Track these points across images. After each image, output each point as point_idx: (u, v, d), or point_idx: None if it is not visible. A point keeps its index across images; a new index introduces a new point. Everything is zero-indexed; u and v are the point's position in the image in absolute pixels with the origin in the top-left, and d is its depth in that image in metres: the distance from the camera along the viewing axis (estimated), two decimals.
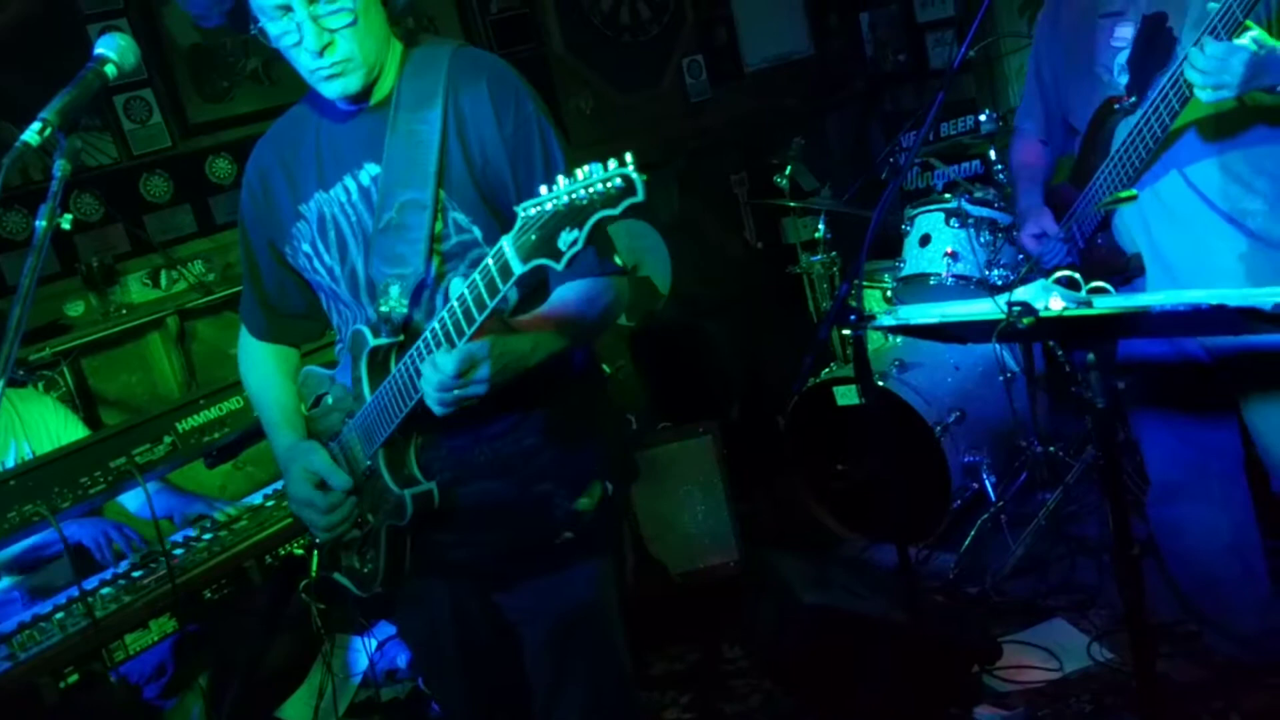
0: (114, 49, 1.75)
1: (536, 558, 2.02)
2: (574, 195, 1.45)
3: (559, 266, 1.48)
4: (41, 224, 1.62)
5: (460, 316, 1.64)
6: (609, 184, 1.44)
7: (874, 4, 6.36)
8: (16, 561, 3.11)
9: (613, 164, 1.45)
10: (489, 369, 1.64)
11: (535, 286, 1.88)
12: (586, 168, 1.46)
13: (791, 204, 4.53)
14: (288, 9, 1.76)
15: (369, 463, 1.92)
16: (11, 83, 3.80)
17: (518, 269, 1.51)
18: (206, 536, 3.02)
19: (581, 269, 1.81)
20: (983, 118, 4.11)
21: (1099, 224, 2.63)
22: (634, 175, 1.44)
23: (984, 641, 3.11)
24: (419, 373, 1.71)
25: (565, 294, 1.87)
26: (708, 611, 3.76)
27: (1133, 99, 2.42)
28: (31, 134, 1.63)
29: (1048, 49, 2.72)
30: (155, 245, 4.18)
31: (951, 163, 5.38)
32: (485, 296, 1.59)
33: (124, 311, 4.05)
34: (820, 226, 4.41)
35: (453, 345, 1.65)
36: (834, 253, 4.43)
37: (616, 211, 1.44)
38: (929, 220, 3.88)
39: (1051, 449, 3.90)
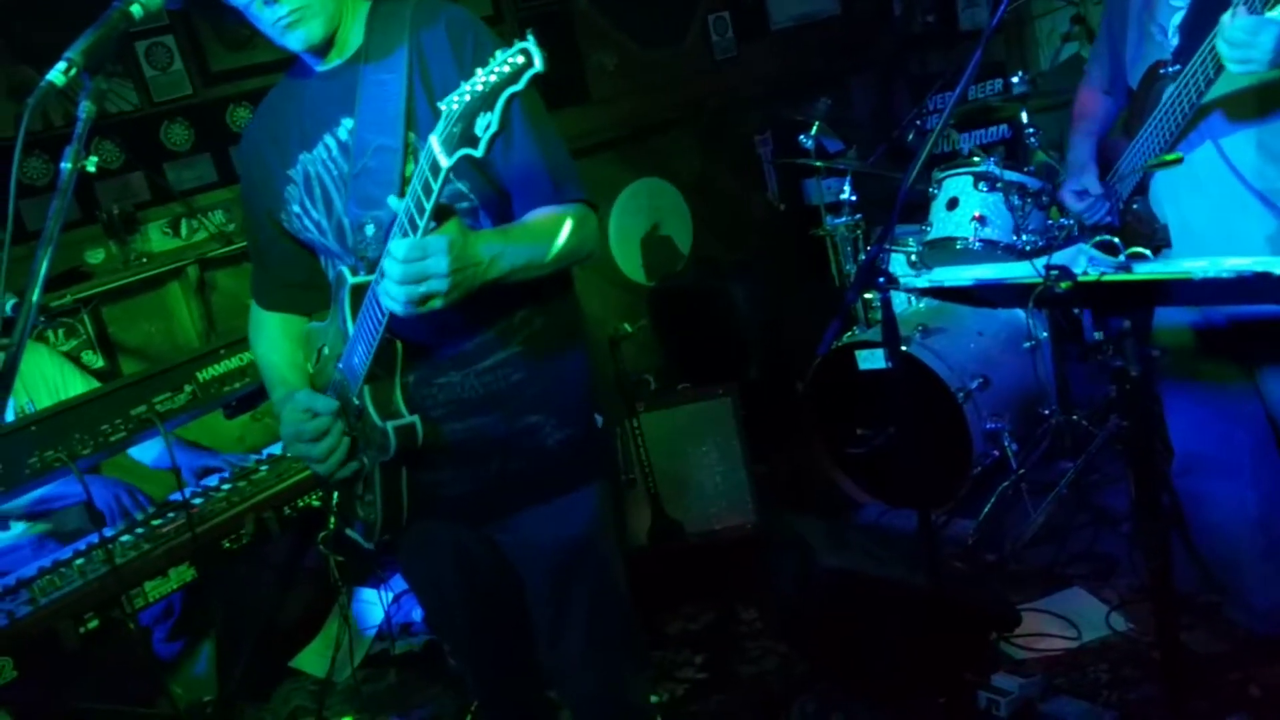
0: None
1: (530, 490, 2.06)
2: (484, 80, 1.52)
3: (478, 153, 1.54)
4: (67, 166, 1.61)
5: (406, 223, 1.68)
6: (511, 61, 1.50)
7: None
8: (26, 512, 3.12)
9: (515, 42, 1.51)
10: (445, 262, 1.66)
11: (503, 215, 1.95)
12: (496, 53, 1.52)
13: (817, 164, 4.48)
14: None
15: (357, 401, 1.96)
16: (32, 27, 3.77)
17: (445, 162, 1.57)
18: (225, 487, 3.02)
19: (539, 198, 1.91)
20: (1015, 79, 4.04)
21: (1136, 187, 2.58)
22: (532, 49, 1.49)
23: (1002, 608, 3.09)
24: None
25: (526, 218, 1.93)
26: (723, 572, 3.76)
27: (1177, 66, 2.35)
28: (56, 74, 1.61)
29: None
30: (175, 194, 4.16)
31: (978, 127, 5.31)
32: (422, 198, 1.63)
33: (144, 260, 4.04)
34: (845, 188, 4.35)
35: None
36: (859, 215, 4.38)
37: (520, 86, 1.50)
38: (957, 183, 3.82)
39: (1074, 417, 3.87)
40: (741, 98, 5.85)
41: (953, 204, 3.81)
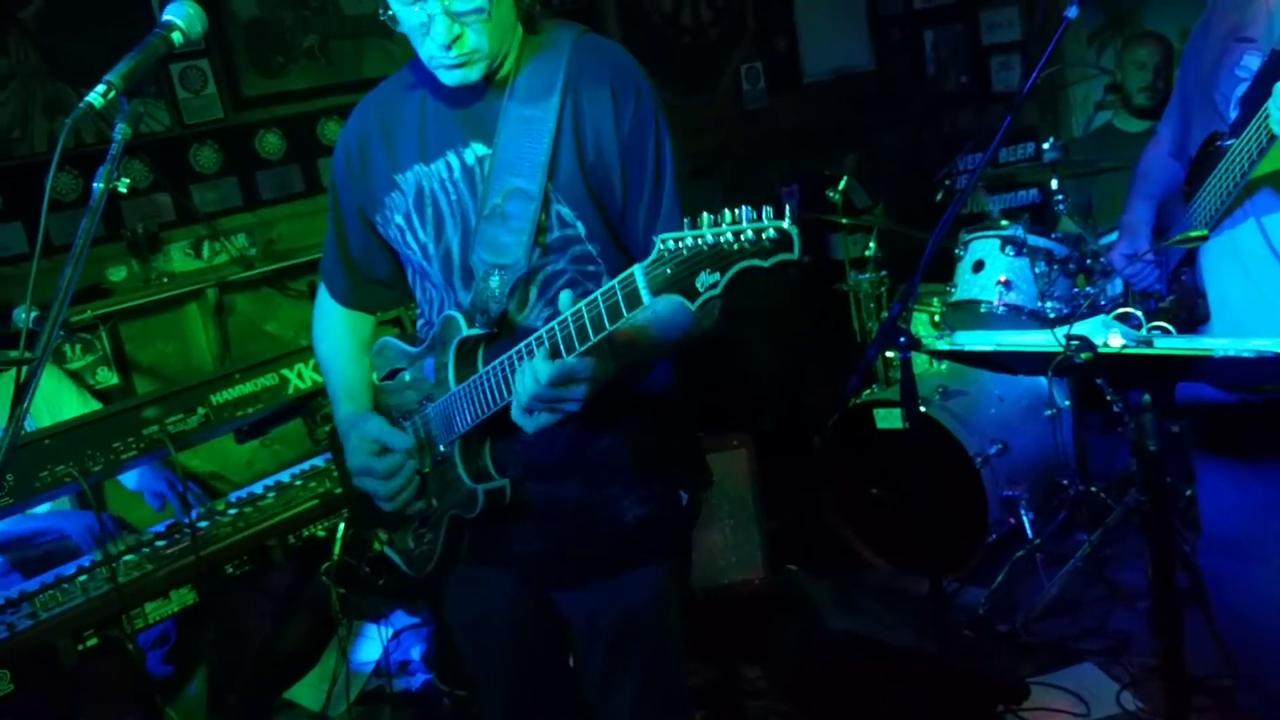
0: (181, 16, 1.75)
1: (601, 560, 1.98)
2: (722, 239, 1.38)
3: (693, 307, 1.41)
4: (99, 186, 1.62)
5: (573, 331, 1.57)
6: (762, 235, 1.36)
7: (939, 22, 6.29)
8: (12, 542, 3.11)
9: (767, 212, 1.38)
10: (585, 390, 1.60)
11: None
12: (739, 210, 1.39)
13: (843, 220, 4.47)
14: None
15: (444, 449, 1.90)
16: (73, 48, 3.80)
17: (646, 299, 1.44)
18: (232, 512, 3.00)
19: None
20: (1046, 145, 4.03)
21: (1185, 258, 2.54)
22: (790, 230, 1.37)
23: (1011, 680, 3.04)
24: (513, 375, 1.68)
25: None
26: (729, 628, 3.70)
27: (1233, 140, 2.32)
28: (96, 95, 1.62)
29: (1194, 59, 2.54)
30: (200, 216, 4.17)
31: (1007, 190, 5.31)
32: (605, 319, 1.52)
33: (165, 280, 4.05)
34: (871, 244, 4.34)
35: (560, 358, 1.60)
36: (883, 272, 4.36)
37: (766, 264, 1.37)
38: (984, 246, 3.81)
39: (1093, 489, 3.82)
40: (770, 148, 5.86)
41: (978, 266, 3.79)
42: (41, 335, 1.57)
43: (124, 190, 1.64)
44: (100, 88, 1.62)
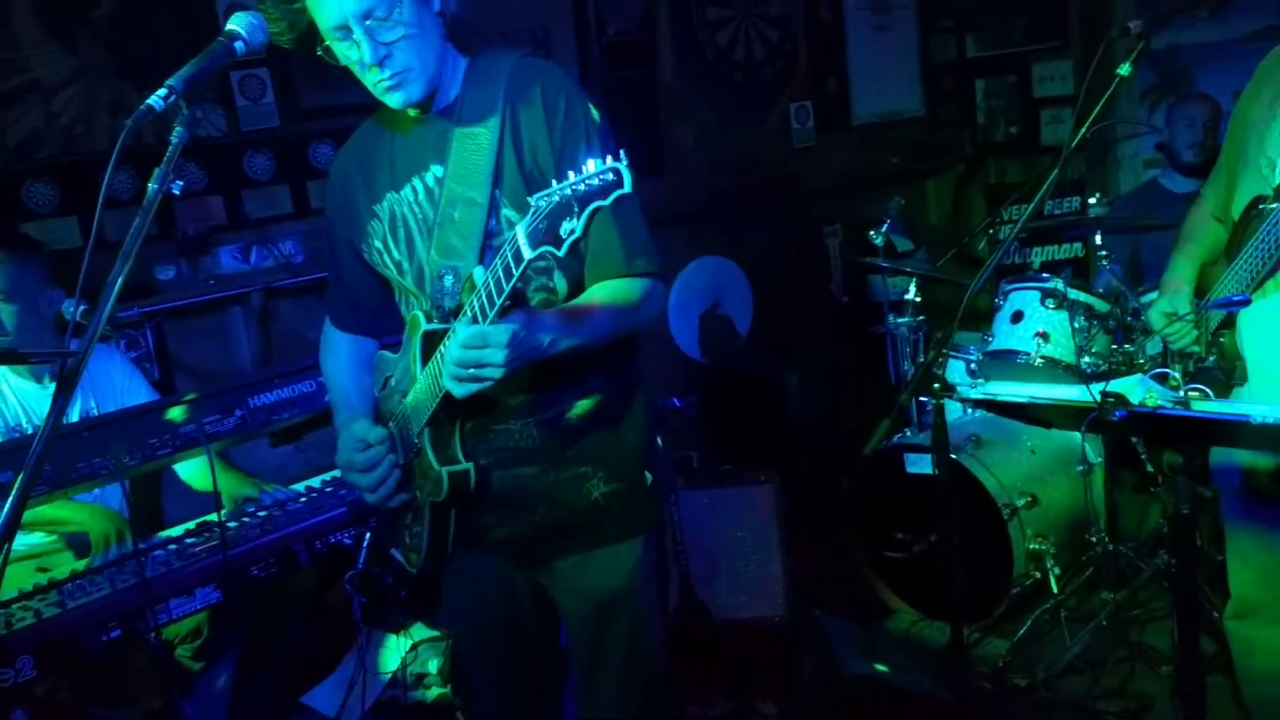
0: (245, 26, 1.81)
1: (571, 540, 2.13)
2: (574, 189, 1.60)
3: (560, 253, 1.63)
4: (153, 187, 1.66)
5: (484, 300, 1.76)
6: (601, 177, 1.59)
7: (991, 72, 6.29)
8: None
9: (607, 160, 1.60)
10: (502, 355, 1.74)
11: (579, 280, 2.03)
12: (590, 164, 1.61)
13: (883, 264, 4.47)
14: (346, 29, 1.90)
15: (417, 440, 2.04)
16: (141, 49, 3.88)
17: (528, 254, 1.65)
18: (261, 514, 3.03)
19: (611, 269, 1.99)
20: (1092, 200, 4.01)
21: (1224, 320, 2.53)
22: (623, 169, 1.59)
23: None
24: None
25: (593, 291, 2.00)
26: (746, 662, 3.68)
27: (1275, 204, 2.32)
28: (157, 99, 1.67)
29: (1241, 122, 2.57)
30: (250, 221, 4.24)
31: (1050, 243, 5.29)
32: (503, 281, 1.71)
33: (212, 281, 4.11)
34: (911, 289, 4.33)
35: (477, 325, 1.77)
36: (921, 317, 4.35)
37: (606, 202, 1.60)
38: (1023, 297, 3.79)
39: (1122, 548, 3.77)
40: (815, 188, 5.87)
41: (1017, 317, 3.78)
42: (87, 331, 1.61)
43: (177, 192, 1.69)
44: (161, 91, 1.68)
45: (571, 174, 1.61)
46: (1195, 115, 4.53)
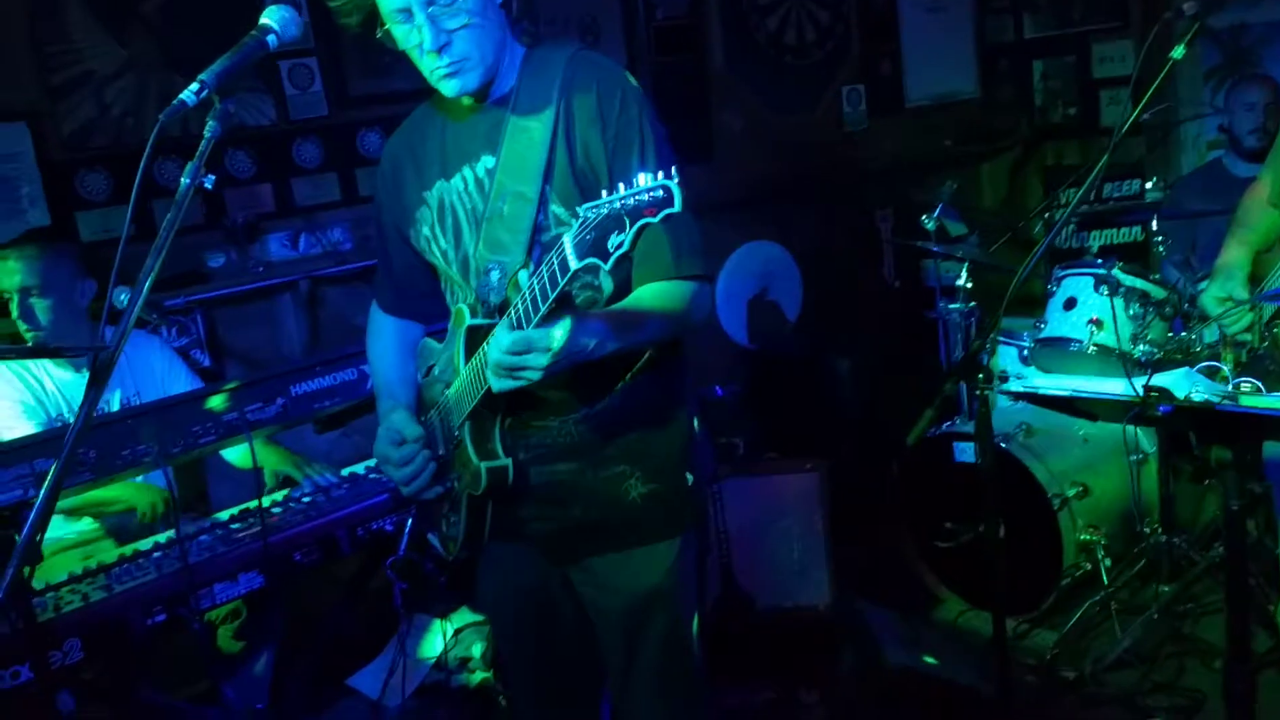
0: (277, 20, 1.82)
1: (608, 539, 2.10)
2: (624, 202, 1.56)
3: (606, 266, 1.59)
4: (185, 181, 1.69)
5: (529, 304, 1.73)
6: (651, 194, 1.56)
7: (1049, 53, 6.16)
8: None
9: (659, 177, 1.57)
10: (544, 359, 1.73)
11: (626, 280, 2.00)
12: (642, 177, 1.57)
13: (935, 248, 4.40)
14: (409, 12, 1.89)
15: (457, 433, 2.05)
16: (191, 42, 3.93)
17: (574, 264, 1.61)
18: (305, 499, 3.07)
19: (658, 270, 1.95)
20: (1149, 185, 3.91)
21: (1278, 311, 2.46)
22: (674, 187, 1.55)
23: None
24: None
25: (641, 294, 1.97)
26: (789, 651, 3.67)
27: None
28: (189, 94, 1.71)
29: None
30: (298, 209, 4.28)
31: (1108, 227, 5.16)
32: (548, 288, 1.68)
33: (261, 269, 4.16)
34: (963, 274, 4.26)
35: (521, 330, 1.75)
36: (973, 303, 4.28)
37: (655, 220, 1.56)
38: (1077, 283, 3.70)
39: (1175, 540, 3.69)
40: (867, 171, 5.80)
41: (1070, 304, 3.69)
42: (120, 324, 1.63)
43: (209, 186, 1.72)
44: (194, 86, 1.71)
45: (622, 186, 1.58)
46: (1255, 98, 4.39)
